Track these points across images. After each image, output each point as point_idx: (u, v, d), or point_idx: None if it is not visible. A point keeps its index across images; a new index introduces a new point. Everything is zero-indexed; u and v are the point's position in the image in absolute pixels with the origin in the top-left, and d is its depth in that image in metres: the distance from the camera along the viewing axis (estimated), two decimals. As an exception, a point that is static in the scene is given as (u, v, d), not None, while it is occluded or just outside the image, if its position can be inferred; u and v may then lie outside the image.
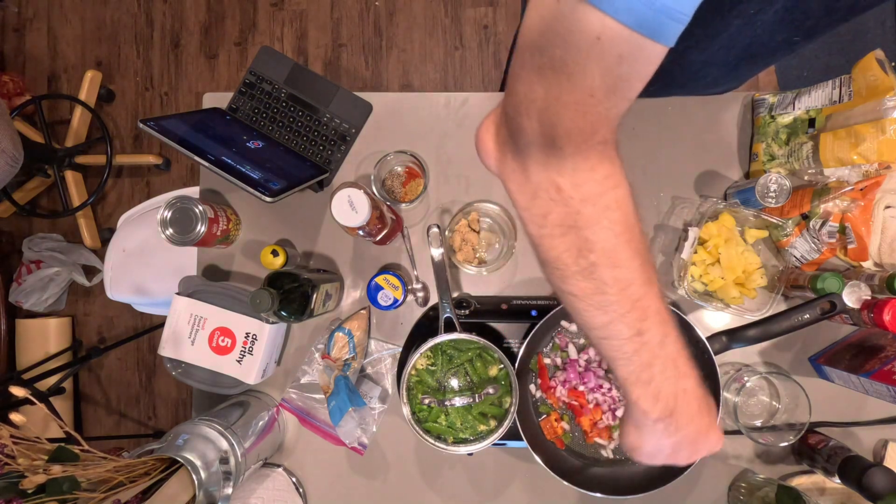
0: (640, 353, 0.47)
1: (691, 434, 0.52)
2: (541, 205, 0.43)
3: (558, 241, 0.44)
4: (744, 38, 0.58)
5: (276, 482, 0.92)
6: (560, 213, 0.42)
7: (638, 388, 0.49)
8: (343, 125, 0.95)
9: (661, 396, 0.49)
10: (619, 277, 0.44)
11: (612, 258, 0.43)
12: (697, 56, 0.63)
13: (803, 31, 0.57)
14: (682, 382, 0.50)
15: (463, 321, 0.81)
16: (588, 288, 0.45)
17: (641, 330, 0.46)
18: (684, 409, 0.51)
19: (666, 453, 0.54)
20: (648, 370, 0.48)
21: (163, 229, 0.83)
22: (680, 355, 0.49)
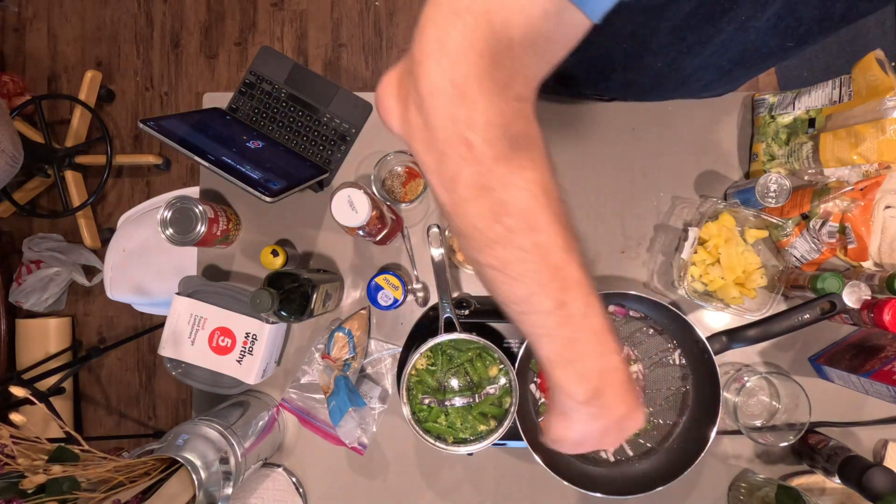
0: (563, 327, 0.44)
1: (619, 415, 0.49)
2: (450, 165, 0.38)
3: (471, 205, 0.40)
4: (737, 44, 0.58)
5: (276, 482, 0.92)
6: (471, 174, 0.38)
7: (561, 369, 0.46)
8: (343, 125, 0.95)
9: (586, 376, 0.46)
10: (539, 243, 0.40)
11: (529, 222, 0.40)
12: (691, 61, 0.63)
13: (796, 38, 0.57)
14: (607, 359, 0.46)
15: (463, 321, 0.81)
16: (505, 256, 0.41)
17: (564, 301, 0.43)
18: (612, 389, 0.47)
19: (593, 440, 0.51)
20: (573, 347, 0.45)
21: (163, 229, 0.83)
22: (604, 329, 0.45)
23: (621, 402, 0.48)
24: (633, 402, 0.50)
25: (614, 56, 0.67)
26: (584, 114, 0.94)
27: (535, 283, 0.42)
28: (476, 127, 0.37)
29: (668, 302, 0.82)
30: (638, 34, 0.60)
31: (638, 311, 0.86)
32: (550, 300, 0.42)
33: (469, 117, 0.36)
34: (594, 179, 0.93)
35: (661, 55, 0.63)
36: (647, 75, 0.70)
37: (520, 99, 0.38)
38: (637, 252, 0.93)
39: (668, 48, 0.61)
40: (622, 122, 0.93)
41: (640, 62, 0.66)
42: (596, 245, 0.93)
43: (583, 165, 0.93)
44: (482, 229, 0.40)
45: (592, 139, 0.94)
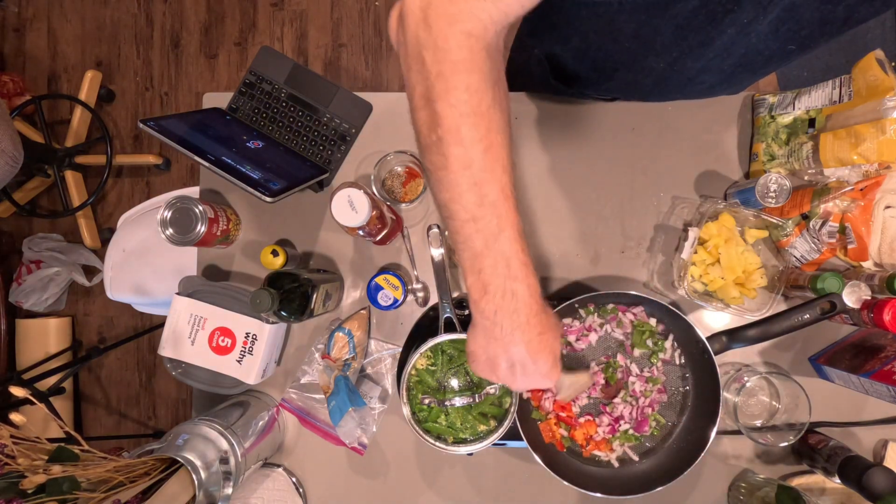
0: (474, 239, 0.49)
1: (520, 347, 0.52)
2: (413, 77, 0.47)
3: (420, 113, 0.48)
4: (738, 47, 0.59)
5: (276, 482, 0.92)
6: (422, 87, 0.47)
7: (472, 276, 0.51)
8: (343, 125, 0.95)
9: (489, 290, 0.50)
10: (460, 156, 0.47)
11: (455, 136, 0.46)
12: (693, 63, 0.63)
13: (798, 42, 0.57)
14: (511, 283, 0.50)
15: (463, 321, 0.81)
16: (436, 162, 0.48)
17: (476, 216, 0.48)
18: (510, 312, 0.51)
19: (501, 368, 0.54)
20: (480, 260, 0.50)
21: (163, 229, 0.83)
22: (515, 256, 0.50)
23: (518, 330, 0.52)
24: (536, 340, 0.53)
25: (617, 56, 0.67)
26: (584, 113, 0.94)
27: (455, 190, 0.48)
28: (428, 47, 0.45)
29: (668, 302, 0.82)
30: (641, 34, 0.60)
31: (638, 311, 0.86)
32: (465, 211, 0.48)
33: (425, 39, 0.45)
34: (594, 179, 0.93)
35: (663, 56, 0.63)
36: (650, 76, 0.70)
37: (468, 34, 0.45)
38: (637, 252, 0.93)
39: (670, 49, 0.61)
40: (622, 121, 0.93)
41: (642, 62, 0.67)
42: (596, 245, 0.93)
43: (583, 165, 0.93)
44: (424, 135, 0.48)
45: (593, 139, 0.94)
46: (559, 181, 0.93)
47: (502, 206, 0.49)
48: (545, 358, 0.54)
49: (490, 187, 0.48)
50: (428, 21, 0.45)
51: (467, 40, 0.45)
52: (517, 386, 0.57)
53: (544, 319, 0.54)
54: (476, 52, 0.46)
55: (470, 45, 0.45)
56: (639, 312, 0.86)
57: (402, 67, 0.49)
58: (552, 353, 0.55)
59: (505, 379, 0.56)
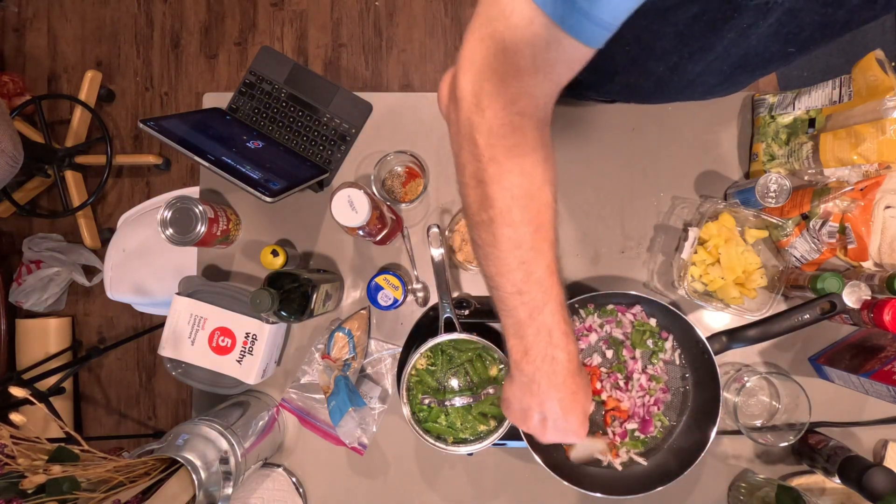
0: (519, 310, 0.52)
1: (554, 405, 0.55)
2: (464, 156, 0.48)
3: (471, 191, 0.49)
4: (738, 50, 0.59)
5: (276, 482, 0.92)
6: (473, 167, 0.47)
7: (514, 340, 0.54)
8: (343, 125, 0.95)
9: (530, 353, 0.53)
10: (510, 237, 0.49)
11: (506, 218, 0.48)
12: (693, 66, 0.63)
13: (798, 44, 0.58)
14: (552, 350, 0.53)
15: (463, 321, 0.81)
16: (486, 239, 0.50)
17: (522, 290, 0.51)
18: (549, 374, 0.54)
19: (532, 420, 0.58)
20: (523, 328, 0.52)
21: (163, 229, 0.83)
22: (556, 327, 0.52)
23: (554, 389, 0.55)
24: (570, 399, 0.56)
25: (617, 59, 0.67)
26: (584, 114, 0.94)
27: (503, 267, 0.50)
28: (482, 131, 0.45)
29: (668, 302, 0.82)
30: (642, 38, 0.60)
31: (638, 311, 0.86)
32: (511, 285, 0.51)
33: (479, 122, 0.45)
34: (594, 179, 0.93)
35: (664, 60, 0.63)
36: (650, 79, 0.70)
37: (522, 114, 0.45)
38: (637, 252, 0.93)
39: (671, 53, 0.61)
40: (622, 121, 0.93)
41: (643, 66, 0.67)
42: (596, 245, 0.93)
43: (583, 165, 0.93)
44: (474, 213, 0.50)
45: (593, 139, 0.94)
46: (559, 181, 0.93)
47: (547, 281, 0.51)
48: (576, 416, 0.57)
49: (537, 265, 0.50)
50: (481, 105, 0.45)
51: (521, 121, 0.45)
52: (546, 438, 0.59)
53: (579, 380, 0.56)
54: (529, 133, 0.46)
55: (523, 126, 0.46)
56: (638, 312, 0.86)
57: (451, 142, 0.50)
58: (583, 411, 0.58)
59: (535, 430, 0.59)
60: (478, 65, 0.44)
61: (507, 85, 0.43)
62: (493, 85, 0.44)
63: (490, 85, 0.44)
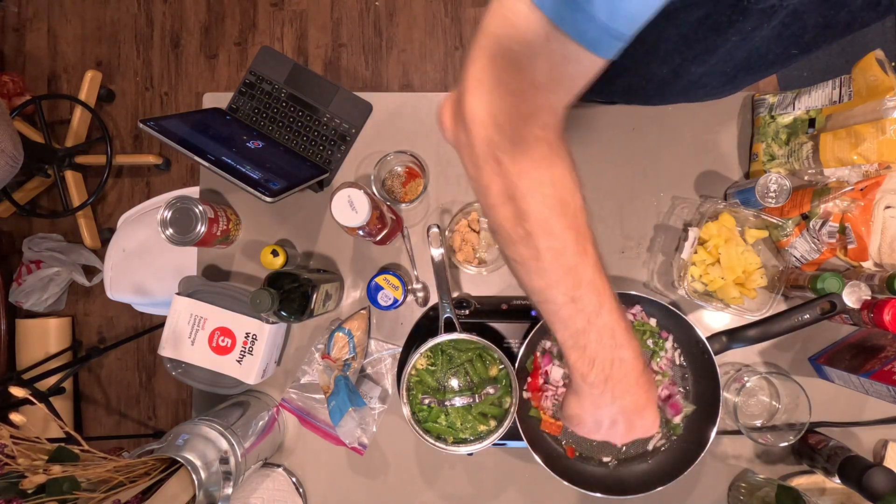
0: (575, 319, 0.50)
1: (628, 406, 0.54)
2: (485, 176, 0.47)
3: (500, 210, 0.48)
4: (741, 52, 0.59)
5: (276, 482, 0.92)
6: (500, 185, 0.46)
7: (575, 353, 0.52)
8: (343, 125, 0.95)
9: (597, 362, 0.51)
10: (552, 246, 0.47)
11: (545, 228, 0.47)
12: (696, 69, 0.63)
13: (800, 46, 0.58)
14: (618, 352, 0.52)
15: (463, 321, 0.81)
16: (526, 254, 0.49)
17: (575, 297, 0.49)
18: (620, 378, 0.52)
19: (604, 426, 0.56)
20: (584, 336, 0.51)
21: (163, 229, 0.83)
22: (618, 326, 0.51)
23: (627, 392, 0.53)
24: (643, 398, 0.54)
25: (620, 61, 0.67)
26: (584, 114, 0.94)
27: (551, 278, 0.49)
28: (505, 149, 0.45)
29: (668, 302, 0.82)
30: (645, 40, 0.60)
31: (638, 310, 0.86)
32: (563, 295, 0.49)
33: (500, 141, 0.44)
34: (594, 179, 0.93)
35: (666, 62, 0.63)
36: (652, 81, 0.70)
37: (544, 126, 0.45)
38: (637, 252, 0.93)
39: (674, 55, 0.61)
40: (622, 122, 0.93)
41: (645, 68, 0.67)
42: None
43: (583, 165, 0.92)
44: (508, 230, 0.48)
45: (593, 139, 0.94)
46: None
47: (599, 281, 0.50)
48: (651, 411, 0.56)
49: (584, 268, 0.49)
50: (499, 123, 0.44)
51: (545, 134, 0.45)
52: (621, 440, 0.58)
53: (648, 377, 0.55)
54: (554, 143, 0.46)
55: (548, 137, 0.46)
56: (638, 312, 0.86)
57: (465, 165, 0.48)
58: (655, 405, 0.57)
59: (609, 436, 0.58)
60: (488, 83, 0.43)
61: (525, 101, 0.43)
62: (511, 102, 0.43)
63: (506, 102, 0.43)
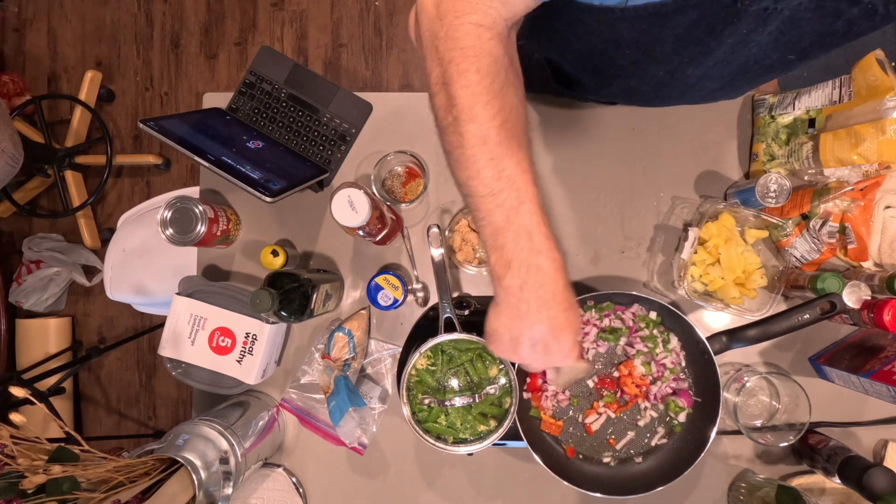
0: (494, 214, 0.50)
1: (545, 322, 0.52)
2: (428, 65, 0.51)
3: (437, 98, 0.51)
4: (738, 56, 0.59)
5: (276, 482, 0.92)
6: (437, 73, 0.50)
7: (494, 254, 0.51)
8: (343, 125, 0.95)
9: (513, 265, 0.50)
10: (475, 133, 0.49)
11: (469, 114, 0.49)
12: (693, 71, 0.64)
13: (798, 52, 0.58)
14: (536, 258, 0.50)
15: (463, 321, 0.81)
16: (453, 141, 0.50)
17: (494, 190, 0.49)
18: (536, 287, 0.51)
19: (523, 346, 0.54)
20: (502, 235, 0.50)
21: (163, 229, 0.83)
22: (537, 230, 0.50)
23: (544, 307, 0.52)
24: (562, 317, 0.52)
25: (618, 62, 0.67)
26: (584, 114, 0.94)
27: (473, 168, 0.50)
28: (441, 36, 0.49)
29: (668, 302, 0.82)
30: (642, 42, 0.60)
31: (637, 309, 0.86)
32: (484, 186, 0.50)
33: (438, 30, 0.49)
34: (594, 179, 0.93)
35: (663, 64, 0.64)
36: (650, 83, 0.70)
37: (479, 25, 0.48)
38: (637, 252, 0.93)
39: (670, 57, 0.61)
40: (622, 122, 0.93)
41: (643, 70, 0.67)
42: (596, 245, 0.93)
43: (583, 165, 0.93)
44: (441, 117, 0.51)
45: (593, 139, 0.94)
46: (559, 181, 0.93)
47: (520, 179, 0.50)
48: (569, 335, 0.54)
49: (507, 161, 0.49)
50: (440, 14, 0.49)
51: (476, 29, 0.48)
52: (536, 366, 0.56)
53: (568, 295, 0.53)
54: (485, 40, 0.49)
55: (479, 33, 0.49)
56: (638, 311, 0.86)
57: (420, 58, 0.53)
58: (575, 330, 0.54)
59: (526, 358, 0.55)
60: None
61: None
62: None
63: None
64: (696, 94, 0.72)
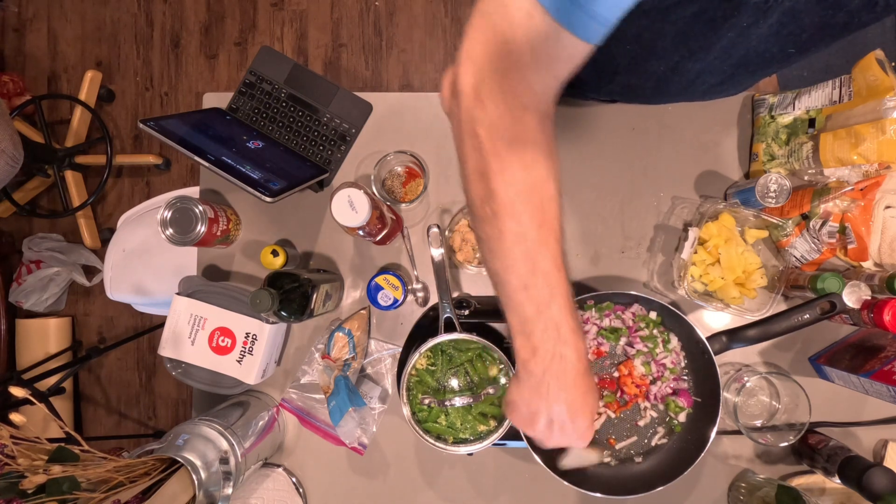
0: (525, 306, 0.50)
1: (563, 405, 0.54)
2: (466, 150, 0.48)
3: (474, 185, 0.49)
4: (739, 50, 0.59)
5: (276, 482, 0.92)
6: (476, 161, 0.47)
7: (521, 339, 0.52)
8: (343, 125, 0.95)
9: (538, 352, 0.52)
10: (514, 230, 0.48)
11: (509, 211, 0.48)
12: (693, 66, 0.63)
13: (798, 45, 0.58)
14: (561, 348, 0.51)
15: (463, 321, 0.81)
16: (490, 233, 0.49)
17: (528, 285, 0.50)
18: (559, 374, 0.52)
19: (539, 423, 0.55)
20: (531, 324, 0.51)
21: (163, 229, 0.83)
22: (565, 323, 0.51)
23: (564, 391, 0.53)
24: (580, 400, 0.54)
25: (618, 58, 0.67)
26: (584, 114, 0.94)
27: (509, 261, 0.50)
28: (483, 124, 0.45)
29: (668, 302, 0.82)
30: (642, 37, 0.60)
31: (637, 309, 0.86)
32: (517, 280, 0.50)
33: (480, 116, 0.45)
34: (594, 179, 0.93)
35: (664, 59, 0.63)
36: (651, 79, 0.70)
37: (524, 108, 0.45)
38: (637, 252, 0.93)
39: (671, 52, 0.61)
40: (622, 121, 0.93)
41: (643, 66, 0.67)
42: (596, 245, 0.93)
43: (583, 165, 0.93)
44: (477, 207, 0.50)
45: (593, 139, 0.94)
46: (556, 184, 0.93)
47: (554, 276, 0.50)
48: (585, 419, 0.56)
49: (543, 259, 0.49)
50: (481, 98, 0.45)
51: (522, 114, 0.45)
52: (550, 443, 0.57)
53: (588, 381, 0.55)
54: (531, 126, 0.46)
55: (525, 119, 0.46)
56: (638, 311, 0.86)
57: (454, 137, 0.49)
58: (591, 414, 0.56)
59: (541, 434, 0.57)
60: (478, 59, 0.44)
61: (507, 78, 0.44)
62: (494, 79, 0.44)
63: (490, 79, 0.44)
64: (696, 90, 0.72)
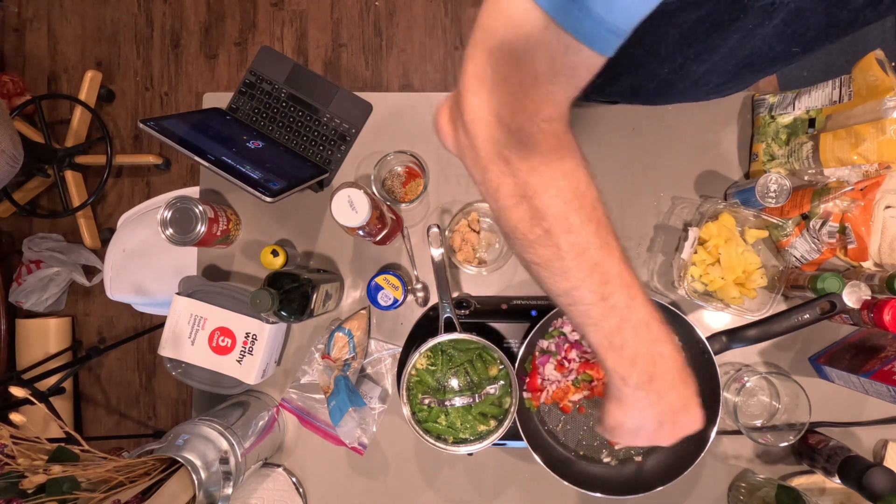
0: (608, 317, 0.47)
1: (674, 404, 0.51)
2: (493, 178, 0.45)
3: (513, 211, 0.45)
4: (743, 50, 0.59)
5: (276, 482, 0.92)
6: (510, 185, 0.44)
7: (612, 355, 0.49)
8: (343, 125, 0.95)
9: (637, 360, 0.48)
10: (574, 242, 0.45)
11: (563, 224, 0.45)
12: (698, 67, 0.63)
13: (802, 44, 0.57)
14: (657, 346, 0.49)
15: (463, 321, 0.81)
16: (546, 255, 0.46)
17: (605, 294, 0.46)
18: (664, 374, 0.49)
19: (649, 429, 0.52)
20: (619, 334, 0.48)
21: (163, 229, 0.83)
22: (652, 318, 0.48)
23: (673, 390, 0.50)
24: (688, 392, 0.51)
25: (622, 61, 0.67)
26: (585, 114, 0.94)
27: (576, 277, 0.46)
28: (511, 146, 0.42)
29: (668, 302, 0.82)
30: (646, 40, 0.60)
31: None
32: (592, 293, 0.46)
33: (506, 139, 0.42)
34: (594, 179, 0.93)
35: (668, 61, 0.63)
36: (654, 80, 0.70)
37: (549, 120, 0.43)
38: (637, 252, 0.93)
39: (675, 54, 0.61)
40: (622, 122, 0.93)
41: (647, 68, 0.67)
42: (596, 245, 0.93)
43: (583, 165, 0.93)
44: (524, 231, 0.46)
45: (593, 139, 0.94)
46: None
47: (627, 275, 0.47)
48: (696, 406, 0.53)
49: (610, 262, 0.47)
50: (504, 122, 0.42)
51: (550, 126, 0.43)
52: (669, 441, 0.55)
53: (688, 370, 0.52)
54: (561, 135, 0.44)
55: (554, 129, 0.44)
56: None
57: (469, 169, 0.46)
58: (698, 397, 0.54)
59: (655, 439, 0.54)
60: (489, 80, 0.41)
61: (527, 95, 0.41)
62: (513, 97, 0.41)
63: (509, 98, 0.41)
64: (700, 90, 0.72)
